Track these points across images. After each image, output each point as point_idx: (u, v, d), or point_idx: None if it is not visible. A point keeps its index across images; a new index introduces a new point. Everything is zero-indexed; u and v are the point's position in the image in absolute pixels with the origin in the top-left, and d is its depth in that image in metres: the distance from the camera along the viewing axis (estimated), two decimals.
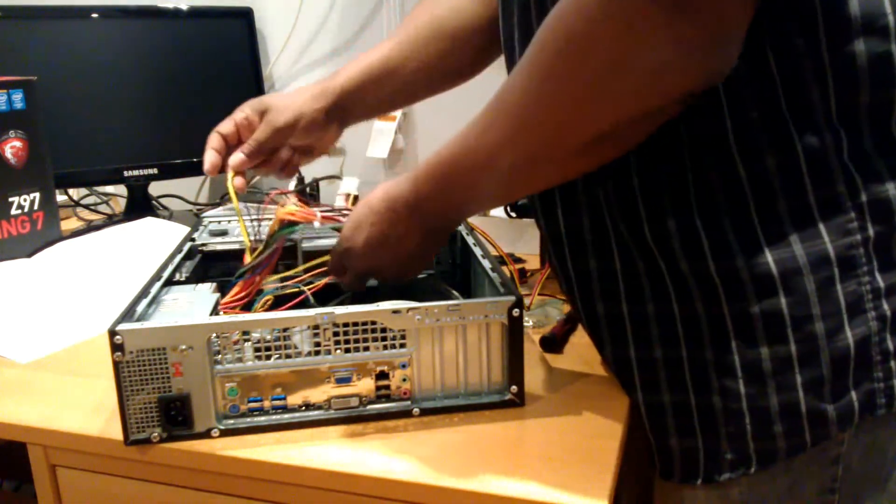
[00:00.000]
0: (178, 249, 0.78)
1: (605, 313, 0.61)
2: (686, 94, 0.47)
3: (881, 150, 0.52)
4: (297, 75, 1.42)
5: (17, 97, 1.03)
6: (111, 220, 1.30)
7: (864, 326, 0.52)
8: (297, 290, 0.67)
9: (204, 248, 0.80)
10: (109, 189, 1.42)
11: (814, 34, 0.49)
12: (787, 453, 0.54)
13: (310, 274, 0.70)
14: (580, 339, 0.77)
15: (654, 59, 0.44)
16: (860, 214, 0.51)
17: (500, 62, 0.70)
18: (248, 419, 0.61)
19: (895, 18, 0.50)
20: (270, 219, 0.71)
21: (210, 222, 0.87)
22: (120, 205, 1.38)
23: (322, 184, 1.31)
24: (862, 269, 0.52)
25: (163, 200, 1.38)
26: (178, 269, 0.73)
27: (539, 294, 0.88)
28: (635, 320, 0.59)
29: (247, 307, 0.68)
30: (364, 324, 0.60)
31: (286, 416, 0.61)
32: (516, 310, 0.61)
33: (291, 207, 0.68)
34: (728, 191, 0.52)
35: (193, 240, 0.80)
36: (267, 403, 0.61)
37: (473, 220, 0.97)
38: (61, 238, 1.10)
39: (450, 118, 0.74)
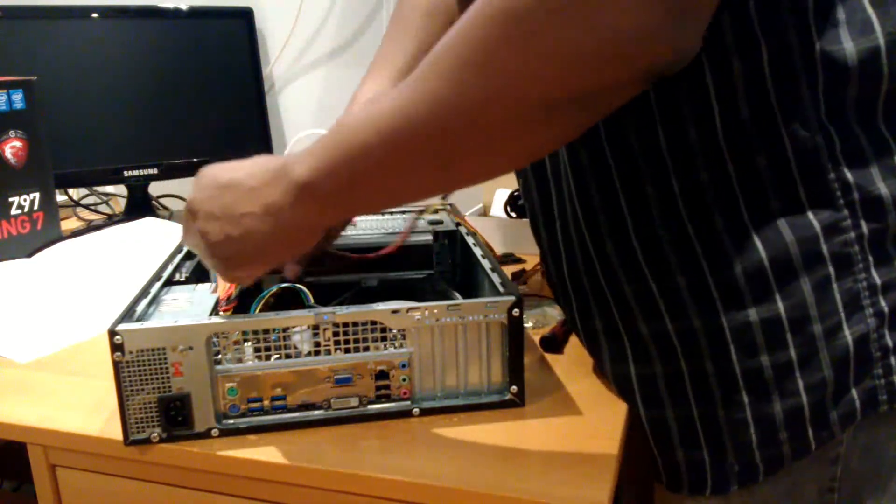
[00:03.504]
0: (178, 249, 0.78)
1: (603, 329, 0.61)
2: (650, 70, 0.42)
3: (871, 147, 0.52)
4: (297, 75, 1.42)
5: (17, 97, 1.03)
6: (111, 220, 1.30)
7: (862, 324, 0.52)
8: (296, 288, 0.67)
9: None
10: (109, 189, 1.43)
11: (806, 29, 0.49)
12: (793, 458, 0.54)
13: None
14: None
15: (625, 20, 0.38)
16: (853, 212, 0.51)
17: None
18: (248, 419, 0.61)
19: (876, 14, 0.50)
20: None
21: None
22: (120, 205, 1.38)
23: None
24: (858, 265, 0.52)
25: (163, 200, 1.38)
26: (178, 269, 0.73)
27: (538, 296, 0.88)
28: (632, 338, 0.59)
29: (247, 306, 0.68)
30: (364, 324, 0.60)
31: (286, 416, 0.61)
32: (516, 310, 0.61)
33: None
34: (718, 192, 0.52)
35: None
36: (267, 403, 0.61)
37: (472, 220, 0.97)
38: (61, 238, 1.10)
39: None
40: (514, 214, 1.09)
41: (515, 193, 1.09)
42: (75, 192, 1.37)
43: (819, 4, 0.49)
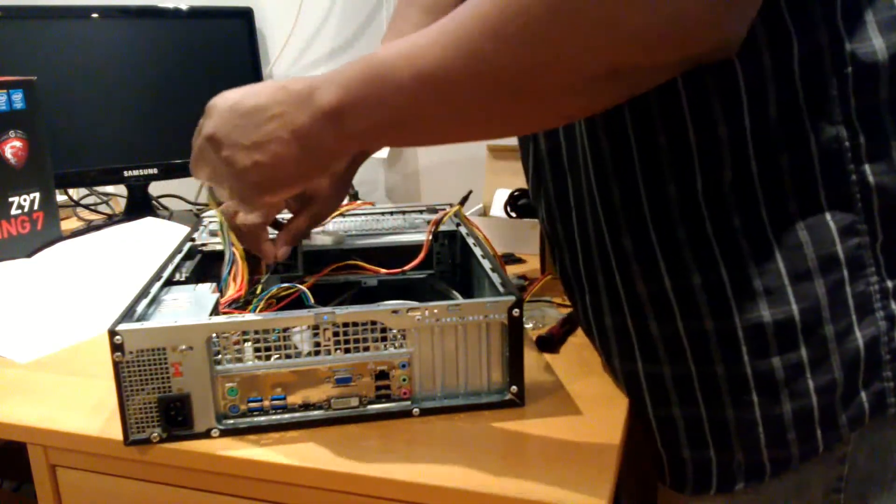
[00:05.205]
0: (178, 249, 0.77)
1: (613, 326, 0.61)
2: (697, 55, 0.43)
3: None
4: (296, 75, 1.42)
5: (17, 97, 1.03)
6: (111, 220, 1.30)
7: (873, 327, 0.52)
8: (295, 289, 0.67)
9: (204, 248, 0.80)
10: (109, 189, 1.43)
11: (835, 26, 0.49)
12: (800, 459, 0.54)
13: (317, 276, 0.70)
14: (580, 340, 0.77)
15: (688, 3, 0.39)
16: (869, 215, 0.51)
17: None
18: (248, 419, 0.61)
19: None
20: None
21: (210, 222, 0.86)
22: (120, 205, 1.38)
23: None
24: (870, 269, 0.52)
25: (163, 200, 1.38)
26: (178, 269, 0.73)
27: (535, 300, 0.88)
28: (642, 337, 0.59)
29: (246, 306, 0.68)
30: (364, 324, 0.60)
31: (286, 416, 0.61)
32: (516, 310, 0.61)
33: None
34: (739, 191, 0.51)
35: (193, 240, 0.80)
36: (267, 403, 0.61)
37: (473, 220, 0.97)
38: (61, 238, 1.10)
39: None
40: (514, 214, 1.09)
41: (515, 193, 1.09)
42: (75, 192, 1.37)
43: (847, 1, 0.49)
